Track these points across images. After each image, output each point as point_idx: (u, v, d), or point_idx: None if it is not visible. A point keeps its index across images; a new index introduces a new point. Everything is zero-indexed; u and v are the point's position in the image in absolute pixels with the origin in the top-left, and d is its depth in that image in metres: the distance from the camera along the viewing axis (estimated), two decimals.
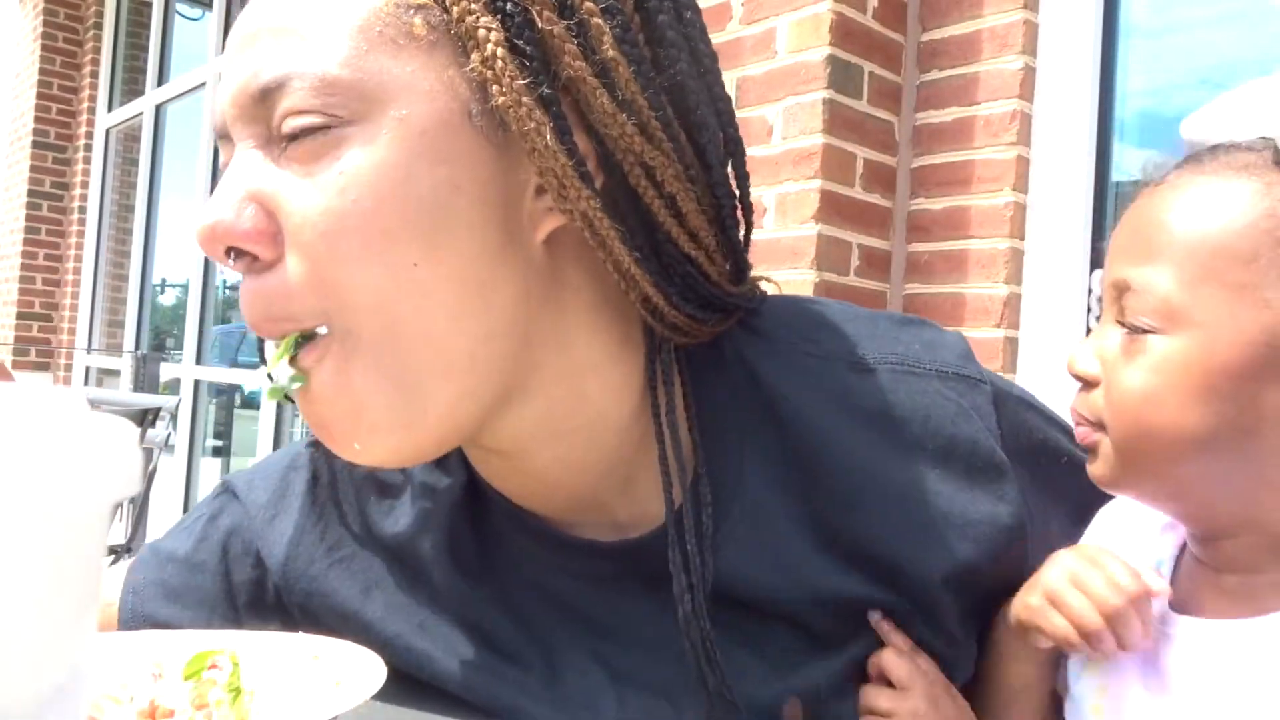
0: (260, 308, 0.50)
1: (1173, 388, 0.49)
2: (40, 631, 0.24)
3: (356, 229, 0.47)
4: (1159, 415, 0.50)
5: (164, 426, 3.52)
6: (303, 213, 0.48)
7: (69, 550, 0.24)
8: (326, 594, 0.67)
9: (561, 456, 0.60)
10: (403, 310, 0.49)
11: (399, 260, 0.48)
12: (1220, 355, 0.48)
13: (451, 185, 0.49)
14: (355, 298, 0.48)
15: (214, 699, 0.53)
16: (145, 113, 5.58)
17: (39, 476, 0.22)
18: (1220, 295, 0.47)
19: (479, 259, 0.50)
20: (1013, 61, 1.92)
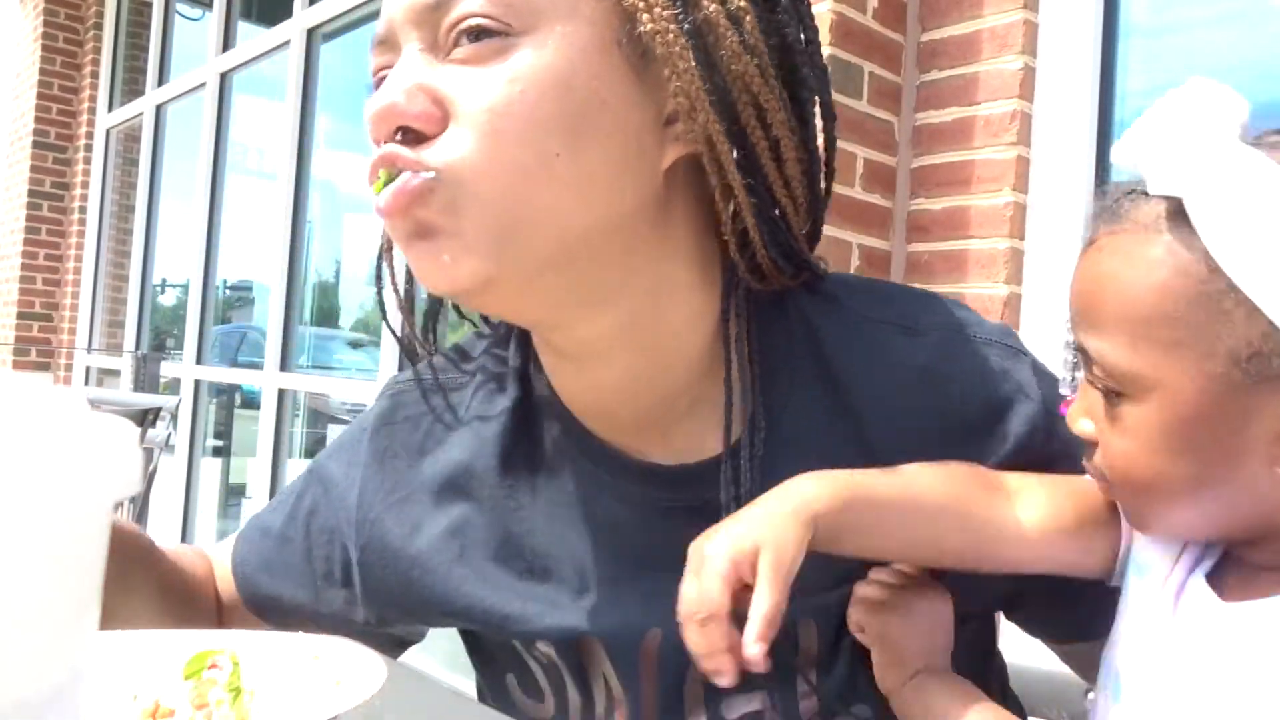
0: (390, 157, 0.56)
1: (1153, 447, 0.51)
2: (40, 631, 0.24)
3: (519, 115, 0.54)
4: (1148, 473, 0.52)
5: (164, 426, 3.52)
6: (474, 98, 0.55)
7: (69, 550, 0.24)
8: (381, 537, 0.71)
9: (633, 370, 0.64)
10: (536, 187, 0.55)
11: (546, 149, 0.55)
12: (1184, 409, 0.49)
13: (599, 99, 0.56)
14: (496, 160, 0.55)
15: (214, 699, 0.53)
16: (145, 113, 5.58)
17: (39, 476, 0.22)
18: (1162, 355, 0.49)
19: (608, 166, 0.57)
20: (1012, 61, 1.92)
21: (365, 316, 4.79)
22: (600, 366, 0.64)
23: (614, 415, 0.67)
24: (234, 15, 5.05)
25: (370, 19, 4.20)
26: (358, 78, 4.60)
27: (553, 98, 0.55)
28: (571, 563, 0.66)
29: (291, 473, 4.28)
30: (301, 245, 4.35)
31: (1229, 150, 0.48)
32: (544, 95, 0.55)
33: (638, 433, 0.67)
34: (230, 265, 5.05)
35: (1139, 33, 1.94)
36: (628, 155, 0.58)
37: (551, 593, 0.66)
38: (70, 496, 0.24)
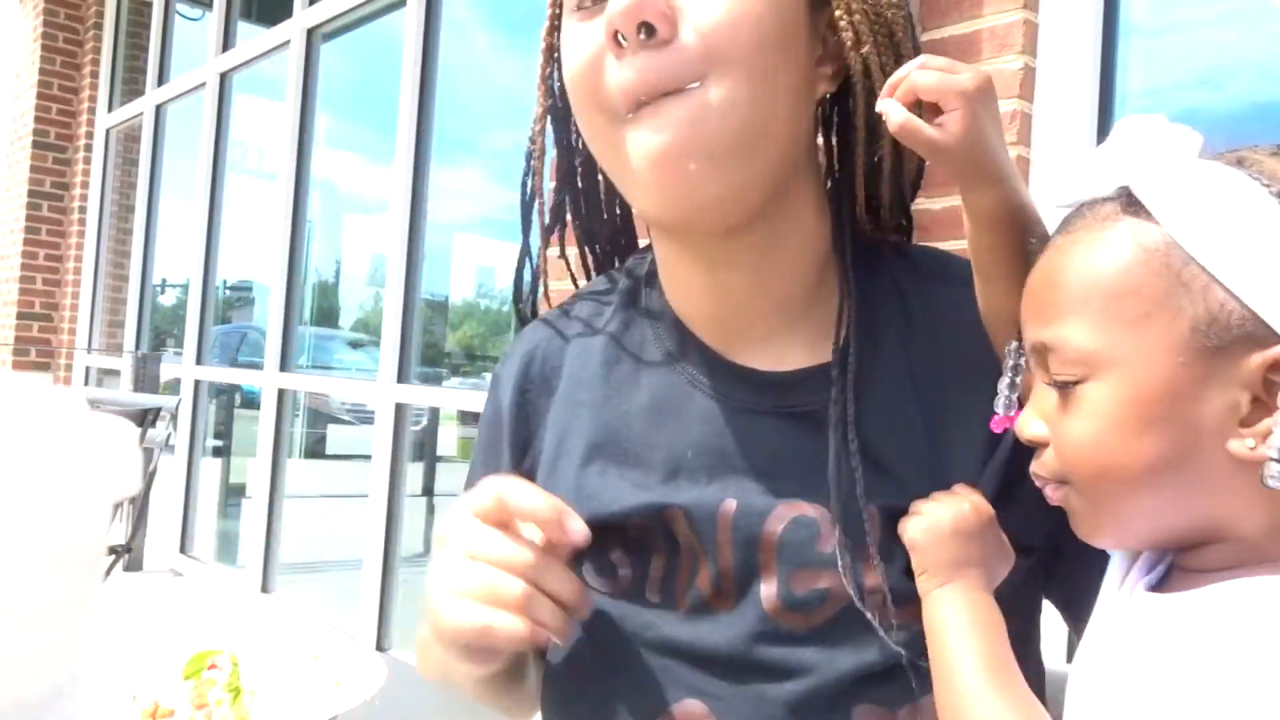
0: (651, 72, 0.63)
1: (1115, 425, 0.52)
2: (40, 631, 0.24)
3: (746, 24, 0.63)
4: (1110, 455, 0.53)
5: (164, 426, 3.53)
6: (708, 10, 0.63)
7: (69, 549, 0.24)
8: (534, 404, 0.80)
9: (756, 279, 0.72)
10: (757, 90, 0.64)
11: (765, 62, 0.64)
12: (1147, 383, 0.51)
13: (793, 28, 0.67)
14: (737, 66, 0.63)
15: (214, 699, 0.53)
16: (145, 113, 5.58)
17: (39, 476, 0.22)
18: (1127, 331, 0.52)
19: (797, 85, 0.68)
20: (1012, 61, 1.92)
21: (365, 316, 4.79)
22: (731, 274, 0.72)
23: (724, 322, 0.74)
24: (234, 15, 5.05)
25: (369, 19, 4.21)
26: (357, 77, 4.61)
27: (768, 19, 0.64)
28: (664, 453, 0.72)
29: (291, 473, 4.29)
30: (301, 245, 4.35)
31: (1177, 152, 0.53)
32: (761, 15, 0.64)
33: (740, 340, 0.74)
34: (230, 265, 5.05)
35: (1139, 33, 1.94)
36: (803, 81, 0.69)
37: (643, 478, 0.71)
38: (70, 496, 0.24)
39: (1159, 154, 0.53)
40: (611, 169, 0.70)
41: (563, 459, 0.75)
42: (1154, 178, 0.52)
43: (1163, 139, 0.53)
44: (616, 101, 0.65)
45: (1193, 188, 0.51)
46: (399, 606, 3.52)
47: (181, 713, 0.53)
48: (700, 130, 0.63)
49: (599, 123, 0.67)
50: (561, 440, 0.76)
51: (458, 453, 4.72)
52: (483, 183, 4.24)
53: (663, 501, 0.70)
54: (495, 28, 4.22)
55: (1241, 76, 1.85)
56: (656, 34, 0.62)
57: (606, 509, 0.71)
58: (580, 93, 0.68)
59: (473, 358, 4.36)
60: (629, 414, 0.74)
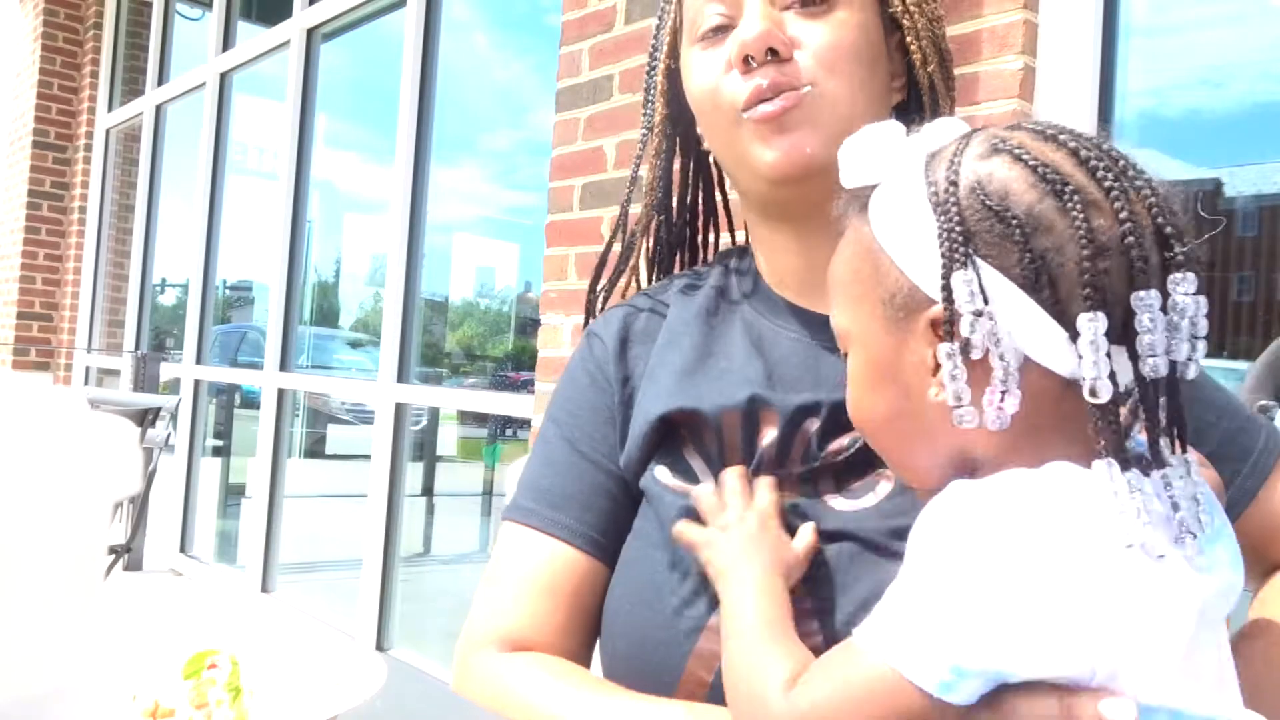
0: (775, 77, 0.80)
1: (860, 387, 0.66)
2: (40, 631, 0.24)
3: (845, 48, 0.81)
4: (862, 411, 0.66)
5: (164, 426, 3.53)
6: (817, 34, 0.81)
7: (69, 549, 0.24)
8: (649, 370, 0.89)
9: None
10: (858, 98, 0.82)
11: (858, 74, 0.82)
12: (870, 351, 0.64)
13: (877, 54, 0.84)
14: (840, 77, 0.81)
15: (214, 699, 0.53)
16: (145, 113, 5.58)
17: (39, 476, 0.22)
18: (854, 311, 0.65)
19: (878, 95, 0.85)
20: (1012, 61, 1.92)
21: (365, 316, 4.79)
22: (816, 239, 0.82)
23: (811, 282, 0.85)
24: (234, 15, 5.06)
25: (369, 19, 4.21)
26: (357, 77, 4.61)
27: (860, 42, 0.82)
28: (757, 373, 0.83)
29: (291, 473, 4.29)
30: (301, 245, 4.36)
31: (909, 147, 0.63)
32: (855, 40, 0.82)
33: (815, 292, 0.85)
34: (230, 265, 5.05)
35: (1139, 33, 1.94)
36: (883, 91, 0.85)
37: (740, 386, 0.82)
38: (70, 496, 0.24)
39: (895, 154, 0.63)
40: (730, 156, 0.86)
41: (661, 369, 0.87)
42: (883, 183, 0.64)
43: (911, 139, 0.64)
44: (741, 101, 0.81)
45: (888, 189, 0.63)
46: (399, 606, 3.52)
47: (181, 713, 0.53)
48: (815, 123, 0.80)
49: (723, 120, 0.83)
50: (661, 364, 0.87)
51: (457, 453, 4.72)
52: (482, 182, 4.25)
53: (760, 395, 0.81)
54: (495, 28, 4.22)
55: (1241, 76, 1.85)
56: (779, 55, 0.80)
57: (709, 402, 0.81)
58: (710, 99, 0.84)
59: (472, 357, 4.36)
60: (727, 343, 0.87)
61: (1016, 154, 0.58)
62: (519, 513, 0.87)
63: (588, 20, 2.49)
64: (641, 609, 0.79)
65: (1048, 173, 0.57)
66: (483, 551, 4.21)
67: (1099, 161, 0.57)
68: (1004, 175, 0.58)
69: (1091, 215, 0.55)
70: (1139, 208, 0.56)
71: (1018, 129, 0.61)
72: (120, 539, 3.65)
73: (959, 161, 0.60)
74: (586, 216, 2.43)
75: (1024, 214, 0.56)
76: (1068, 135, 0.59)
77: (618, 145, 2.37)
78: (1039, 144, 0.59)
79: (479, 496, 4.68)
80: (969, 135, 0.63)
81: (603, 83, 2.43)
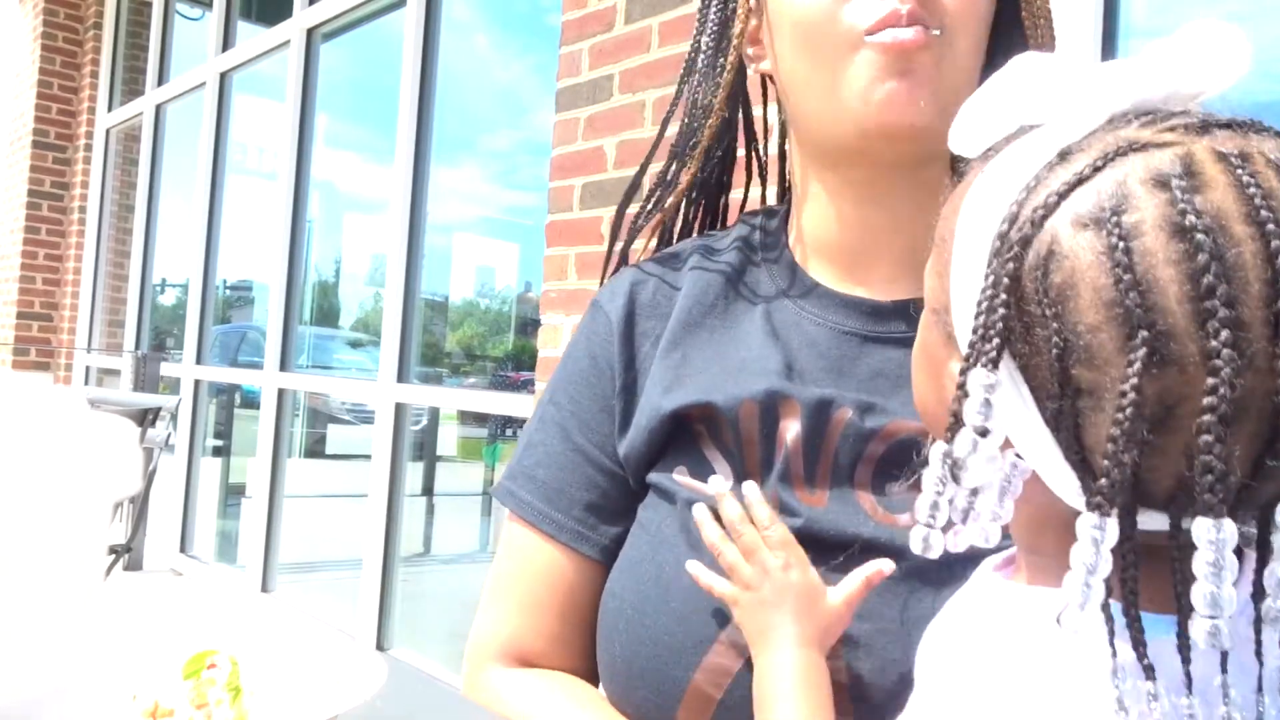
0: (917, 14, 0.72)
1: (915, 363, 0.53)
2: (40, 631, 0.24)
3: (976, 13, 0.76)
4: (914, 388, 0.53)
5: (164, 426, 3.53)
6: (960, 5, 0.74)
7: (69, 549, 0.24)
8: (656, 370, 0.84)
9: (897, 217, 0.79)
10: (972, 57, 0.77)
11: (980, 34, 0.77)
12: (924, 336, 0.51)
13: (990, 15, 0.79)
14: (968, 34, 0.75)
15: (214, 699, 0.53)
16: (145, 113, 5.58)
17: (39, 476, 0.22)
18: (928, 279, 0.50)
19: (986, 35, 0.79)
20: None
21: (365, 316, 4.79)
22: (876, 210, 0.79)
23: (852, 254, 0.81)
24: (234, 15, 5.06)
25: (369, 19, 4.21)
26: (357, 77, 4.61)
27: (985, 7, 0.77)
28: (775, 364, 0.78)
29: (291, 473, 4.29)
30: (301, 245, 4.36)
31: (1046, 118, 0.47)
32: (981, 7, 0.76)
33: (859, 270, 0.81)
34: (230, 265, 5.05)
35: (1139, 34, 1.94)
36: (982, 56, 0.79)
37: (758, 376, 0.77)
38: (70, 496, 0.24)
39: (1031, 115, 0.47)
40: (823, 88, 0.75)
41: (670, 359, 0.81)
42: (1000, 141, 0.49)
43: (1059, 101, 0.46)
44: (867, 24, 0.72)
45: (1001, 166, 0.46)
46: (399, 606, 3.52)
47: (181, 712, 0.53)
48: (936, 76, 0.72)
49: (837, 44, 0.73)
50: (670, 353, 0.82)
51: (458, 452, 4.72)
52: (482, 182, 4.25)
53: (781, 390, 0.75)
54: (495, 27, 4.22)
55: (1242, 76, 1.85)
56: (924, 23, 0.72)
57: (724, 395, 0.76)
58: (821, 19, 0.74)
59: (472, 357, 4.36)
60: (745, 335, 0.81)
61: (1175, 226, 0.39)
62: (517, 504, 0.85)
63: (588, 20, 2.49)
64: (646, 613, 0.74)
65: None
66: (483, 551, 4.21)
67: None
68: (1096, 269, 0.40)
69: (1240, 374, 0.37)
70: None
71: (1262, 134, 0.42)
72: (120, 539, 3.65)
73: (1058, 201, 0.41)
74: (586, 216, 2.43)
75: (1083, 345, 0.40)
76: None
77: (618, 145, 2.37)
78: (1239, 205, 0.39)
79: (479, 496, 4.68)
80: (1142, 139, 0.42)
81: (603, 83, 2.43)
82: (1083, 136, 0.43)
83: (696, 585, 0.71)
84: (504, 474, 0.88)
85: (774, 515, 0.69)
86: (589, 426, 0.83)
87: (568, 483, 0.83)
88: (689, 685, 0.70)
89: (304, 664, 0.56)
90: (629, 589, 0.77)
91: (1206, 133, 0.41)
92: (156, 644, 0.58)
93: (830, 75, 0.74)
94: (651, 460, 0.80)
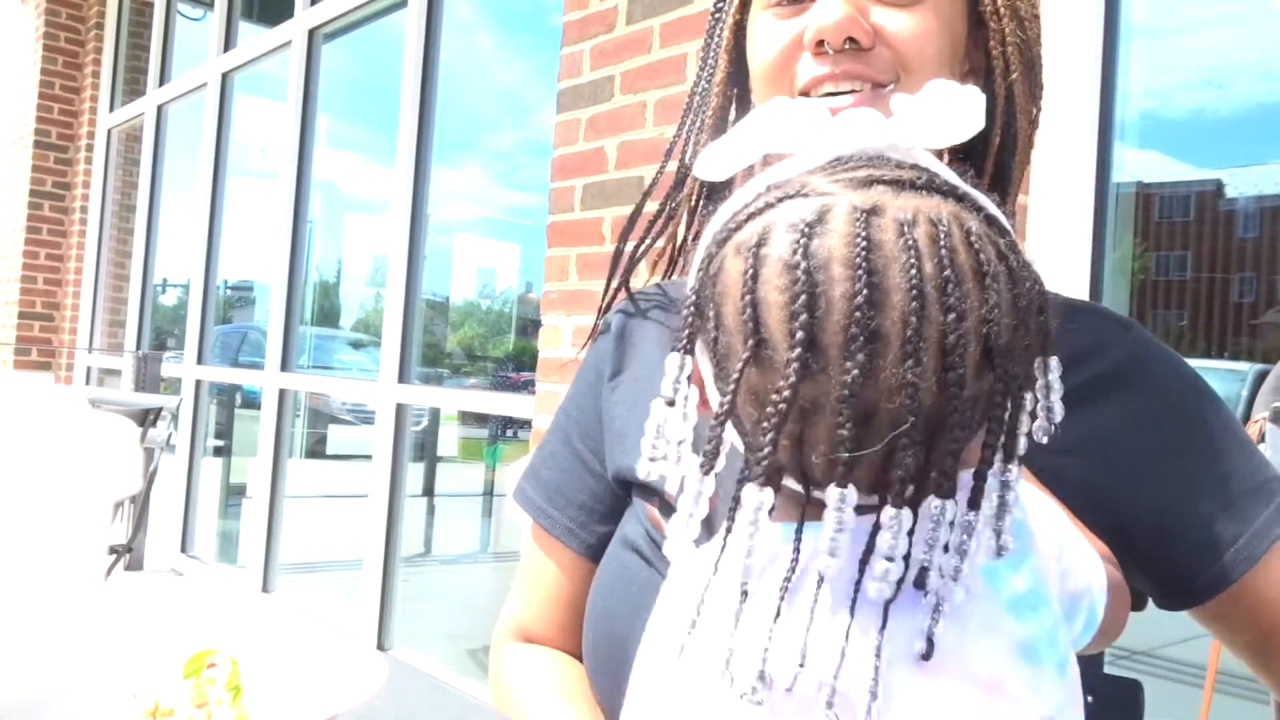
0: (852, 70, 0.76)
1: None
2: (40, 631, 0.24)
3: (929, 41, 0.76)
4: None
5: (165, 426, 3.53)
6: (901, 26, 0.76)
7: (69, 548, 0.24)
8: (612, 404, 0.88)
9: None
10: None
11: (939, 65, 0.77)
12: None
13: (956, 40, 0.79)
14: (918, 78, 0.73)
15: (214, 698, 0.53)
16: (147, 113, 5.59)
17: (39, 475, 0.22)
18: None
19: (954, 71, 0.79)
20: None
21: (366, 316, 4.79)
22: None
23: None
24: (235, 15, 5.06)
25: (371, 19, 4.21)
26: (359, 78, 4.61)
27: (943, 36, 0.77)
28: None
29: (292, 473, 4.29)
30: (302, 245, 4.36)
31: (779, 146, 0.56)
32: (939, 32, 0.77)
33: None
34: (231, 265, 5.05)
35: (1140, 34, 1.94)
36: (960, 66, 0.81)
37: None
38: (70, 496, 0.24)
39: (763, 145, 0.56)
40: None
41: (624, 414, 0.85)
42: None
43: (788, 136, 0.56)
44: (802, 84, 0.77)
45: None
46: (399, 607, 3.52)
47: (181, 712, 0.53)
48: None
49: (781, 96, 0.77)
50: (626, 406, 0.86)
51: (458, 453, 4.72)
52: (484, 183, 4.25)
53: None
54: (496, 28, 4.22)
55: (1243, 77, 1.85)
56: (858, 44, 0.75)
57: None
58: (772, 72, 0.79)
59: (473, 358, 4.37)
60: None
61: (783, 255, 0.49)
62: (524, 500, 0.93)
63: (589, 21, 2.49)
64: (612, 604, 0.80)
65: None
66: (483, 551, 4.21)
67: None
68: (735, 286, 0.51)
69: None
70: None
71: (920, 193, 0.51)
72: (121, 539, 3.65)
73: (736, 227, 0.53)
74: (587, 217, 2.43)
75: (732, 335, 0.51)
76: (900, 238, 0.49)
77: (619, 146, 2.37)
78: (844, 237, 0.49)
79: (479, 497, 4.68)
80: (805, 183, 0.52)
81: (604, 84, 2.43)
82: (799, 174, 0.53)
83: (652, 580, 0.76)
84: (521, 474, 0.96)
85: None
86: (588, 434, 0.90)
87: (565, 483, 0.90)
88: None
89: (304, 663, 0.56)
90: (603, 582, 0.83)
91: (865, 187, 0.51)
92: (156, 644, 0.58)
93: None
94: (625, 483, 0.86)
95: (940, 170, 0.53)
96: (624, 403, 0.87)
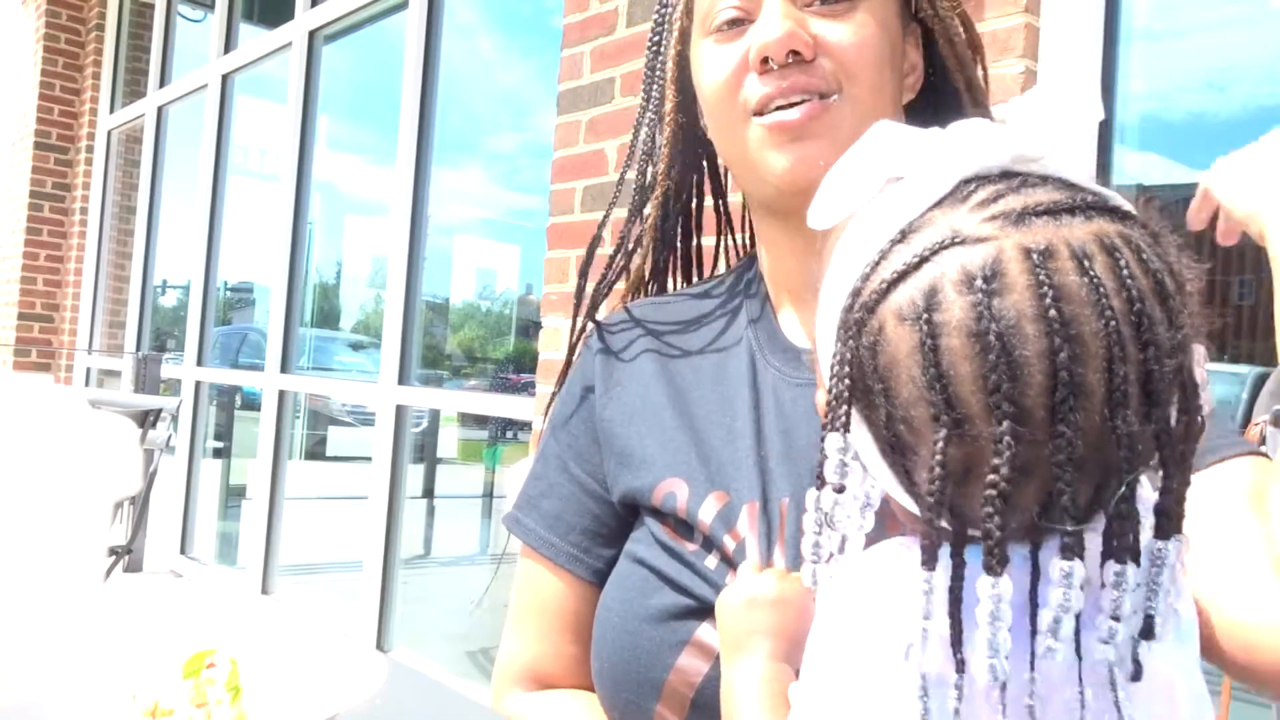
0: (799, 83, 0.76)
1: None
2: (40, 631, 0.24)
3: (868, 47, 0.77)
4: None
5: (165, 427, 3.53)
6: (840, 36, 0.77)
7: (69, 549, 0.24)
8: (607, 420, 0.88)
9: None
10: (875, 96, 0.78)
11: (880, 79, 0.78)
12: None
13: (894, 42, 0.80)
14: (862, 84, 0.77)
15: (214, 698, 0.53)
16: (147, 114, 5.59)
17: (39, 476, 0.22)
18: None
19: (896, 97, 0.81)
20: (1014, 65, 1.92)
21: (366, 318, 4.79)
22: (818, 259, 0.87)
23: (806, 281, 0.84)
24: (236, 17, 5.06)
25: (371, 21, 4.21)
26: (359, 79, 4.61)
27: (882, 41, 0.78)
28: (725, 422, 0.81)
29: (291, 474, 4.29)
30: (302, 247, 4.36)
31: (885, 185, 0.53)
32: (878, 38, 0.78)
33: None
34: (231, 266, 5.06)
35: (1141, 37, 1.94)
36: (899, 92, 0.82)
37: (729, 467, 0.78)
38: (70, 496, 0.24)
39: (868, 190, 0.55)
40: (735, 156, 0.82)
41: (627, 431, 0.85)
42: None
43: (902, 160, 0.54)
44: (754, 104, 0.77)
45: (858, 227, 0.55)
46: (399, 608, 3.52)
47: (181, 712, 0.53)
48: (835, 137, 0.75)
49: (734, 119, 0.80)
50: (640, 426, 0.85)
51: (458, 455, 4.72)
52: (484, 185, 4.25)
53: (717, 485, 0.78)
54: (497, 30, 4.23)
55: (1245, 80, 1.85)
56: (801, 57, 0.76)
57: (657, 474, 0.80)
58: (721, 96, 0.80)
59: (473, 360, 4.37)
60: (693, 387, 0.85)
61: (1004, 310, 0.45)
62: (523, 532, 0.90)
63: (589, 23, 2.49)
64: (629, 619, 0.78)
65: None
66: (483, 554, 4.21)
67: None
68: (910, 359, 0.47)
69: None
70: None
71: (1076, 215, 0.47)
72: (121, 540, 3.65)
73: (886, 289, 0.49)
74: (587, 219, 2.43)
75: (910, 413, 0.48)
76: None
77: (619, 148, 2.38)
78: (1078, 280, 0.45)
79: (479, 499, 4.68)
80: (960, 218, 0.49)
81: (604, 85, 2.43)
82: (924, 210, 0.49)
83: (673, 593, 0.76)
84: (514, 504, 0.93)
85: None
86: (583, 456, 0.89)
87: (566, 510, 0.88)
88: (665, 685, 0.75)
89: (304, 664, 0.56)
90: (616, 598, 0.81)
91: (1023, 223, 0.47)
92: (156, 644, 0.58)
93: (736, 146, 0.80)
94: (631, 504, 0.84)
95: (1075, 175, 0.50)
96: (619, 418, 0.86)
